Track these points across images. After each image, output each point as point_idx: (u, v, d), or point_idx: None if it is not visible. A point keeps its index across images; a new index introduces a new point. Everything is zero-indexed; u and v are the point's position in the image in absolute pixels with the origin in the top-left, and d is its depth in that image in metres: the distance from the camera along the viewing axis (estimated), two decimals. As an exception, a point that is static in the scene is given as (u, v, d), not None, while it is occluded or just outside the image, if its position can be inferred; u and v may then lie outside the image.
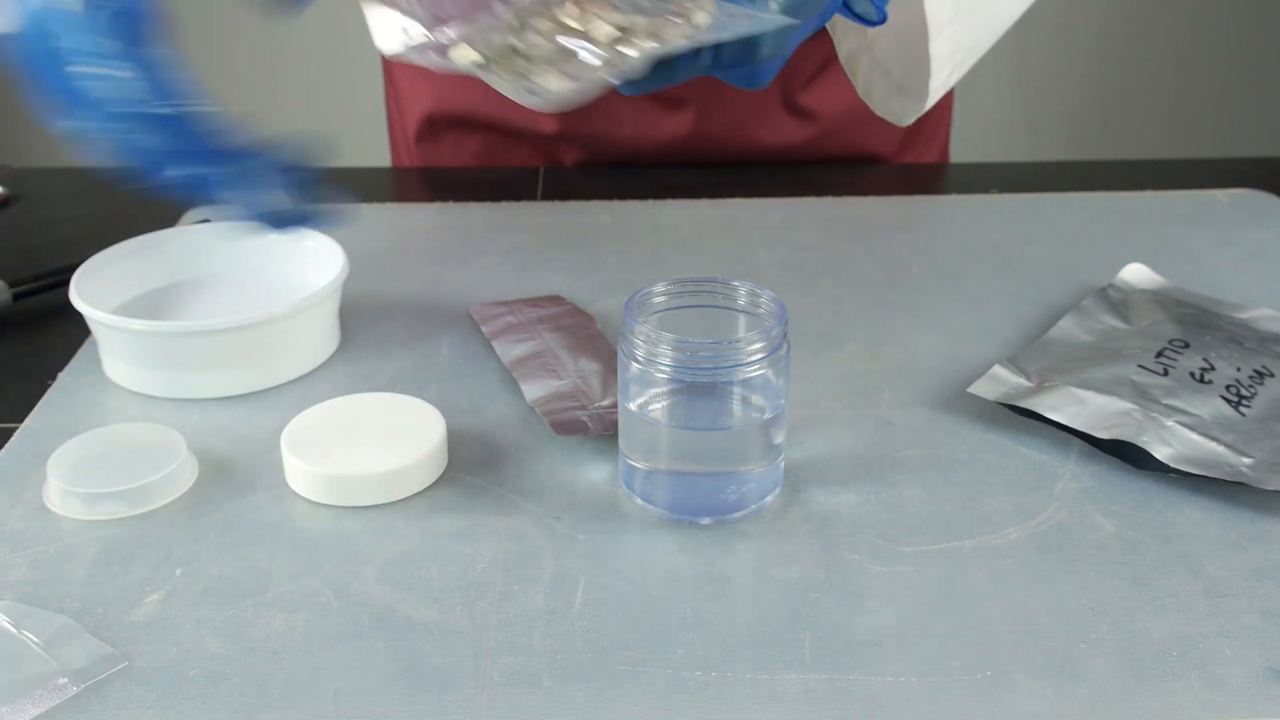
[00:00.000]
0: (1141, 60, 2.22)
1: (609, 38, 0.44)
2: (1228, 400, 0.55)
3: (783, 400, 0.50)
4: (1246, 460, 0.52)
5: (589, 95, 0.45)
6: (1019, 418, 0.56)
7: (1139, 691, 0.42)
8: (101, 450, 0.53)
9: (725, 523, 0.50)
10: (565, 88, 0.44)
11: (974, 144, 1.97)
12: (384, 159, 1.07)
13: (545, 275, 0.72)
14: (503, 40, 0.45)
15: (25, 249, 0.78)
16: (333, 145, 0.49)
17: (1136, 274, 0.69)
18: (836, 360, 0.63)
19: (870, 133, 0.90)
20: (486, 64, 0.45)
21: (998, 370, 0.58)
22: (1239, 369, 0.58)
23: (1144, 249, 0.75)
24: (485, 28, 0.45)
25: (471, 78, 0.85)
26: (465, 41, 0.45)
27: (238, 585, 0.47)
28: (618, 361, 0.50)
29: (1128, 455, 0.53)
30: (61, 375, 0.61)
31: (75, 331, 0.65)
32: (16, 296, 0.68)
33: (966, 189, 0.86)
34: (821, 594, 0.46)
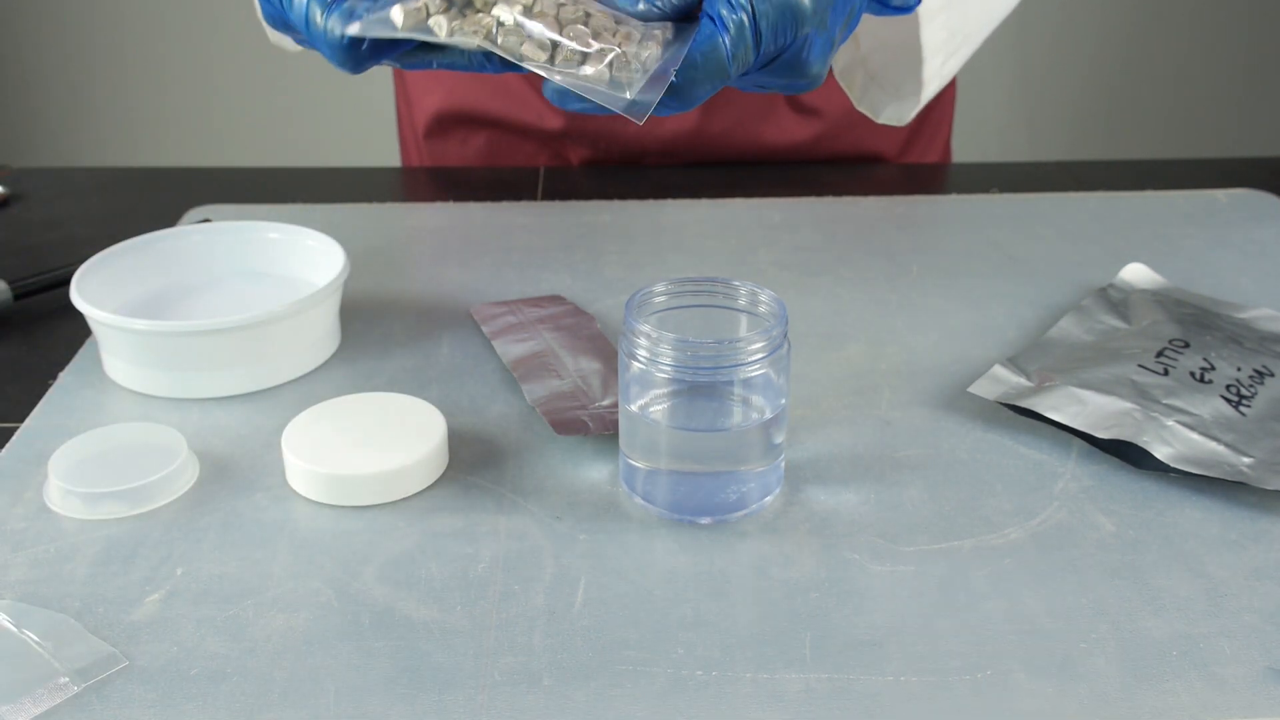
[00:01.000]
0: (1141, 60, 2.22)
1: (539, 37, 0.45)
2: (1228, 400, 0.55)
3: (783, 400, 0.50)
4: (1246, 460, 0.52)
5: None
6: (1019, 418, 0.57)
7: (1139, 691, 0.42)
8: (102, 450, 0.53)
9: (725, 523, 0.50)
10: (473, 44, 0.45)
11: (975, 144, 1.97)
12: (393, 155, 1.07)
13: (545, 275, 0.72)
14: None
15: (25, 249, 0.78)
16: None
17: (1136, 274, 0.69)
18: (836, 360, 0.63)
19: (874, 131, 0.91)
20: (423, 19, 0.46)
21: (998, 370, 0.58)
22: (1239, 369, 0.58)
23: (1144, 249, 0.75)
24: None
25: (477, 77, 0.86)
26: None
27: (238, 585, 0.47)
28: (618, 361, 0.50)
29: (1128, 455, 0.53)
30: (62, 375, 0.61)
31: (75, 331, 0.65)
32: (17, 296, 0.68)
33: (967, 189, 0.86)
34: (821, 594, 0.46)
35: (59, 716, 0.41)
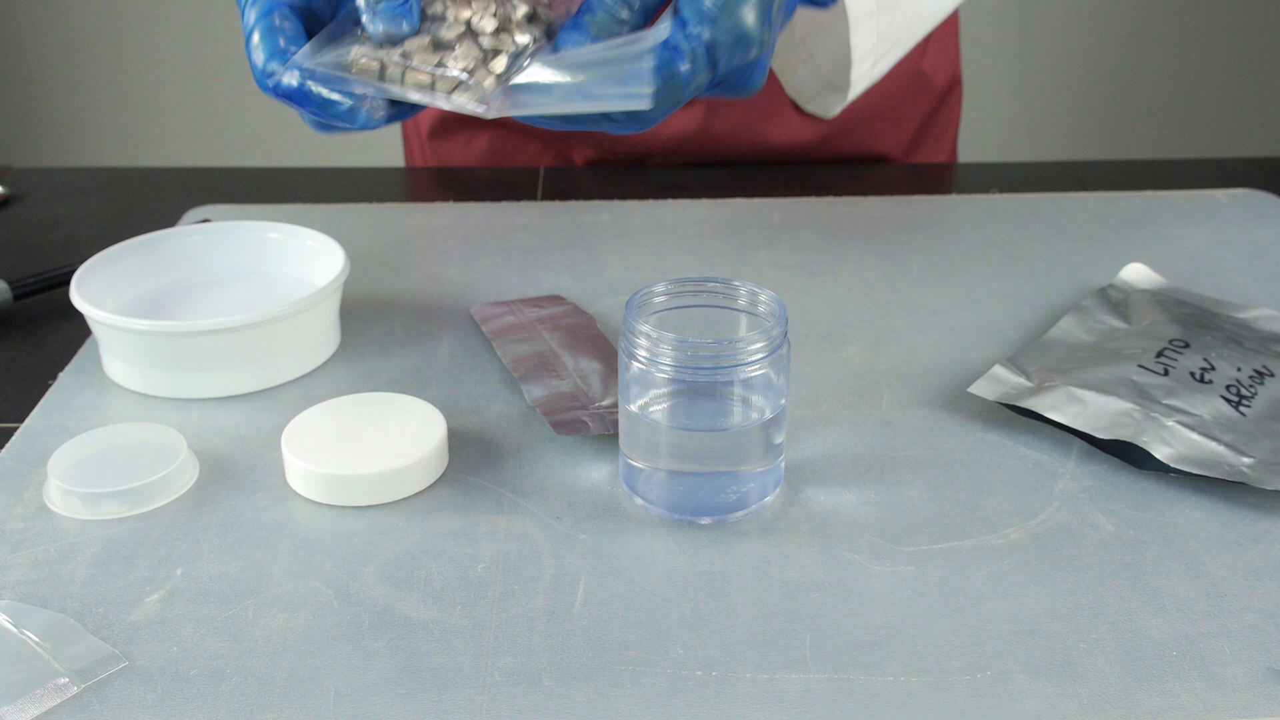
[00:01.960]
0: (1142, 60, 2.22)
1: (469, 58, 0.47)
2: (1228, 400, 0.55)
3: (783, 400, 0.50)
4: (1246, 460, 0.52)
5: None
6: (1019, 418, 0.57)
7: (1139, 691, 0.42)
8: (101, 450, 0.53)
9: (725, 523, 0.50)
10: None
11: (975, 144, 1.97)
12: (395, 156, 1.07)
13: (545, 275, 0.72)
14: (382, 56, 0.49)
15: (25, 249, 0.78)
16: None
17: (1136, 274, 0.69)
18: (836, 360, 0.63)
19: (880, 132, 0.91)
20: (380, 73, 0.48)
21: (998, 370, 0.58)
22: (1239, 369, 0.58)
23: (1144, 249, 0.75)
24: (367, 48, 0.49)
25: None
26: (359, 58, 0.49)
27: (238, 585, 0.47)
28: (618, 361, 0.50)
29: (1128, 455, 0.53)
30: (61, 375, 0.61)
31: (75, 331, 0.65)
32: (17, 296, 0.68)
33: (966, 189, 0.86)
34: (821, 594, 0.46)
35: (59, 716, 0.41)
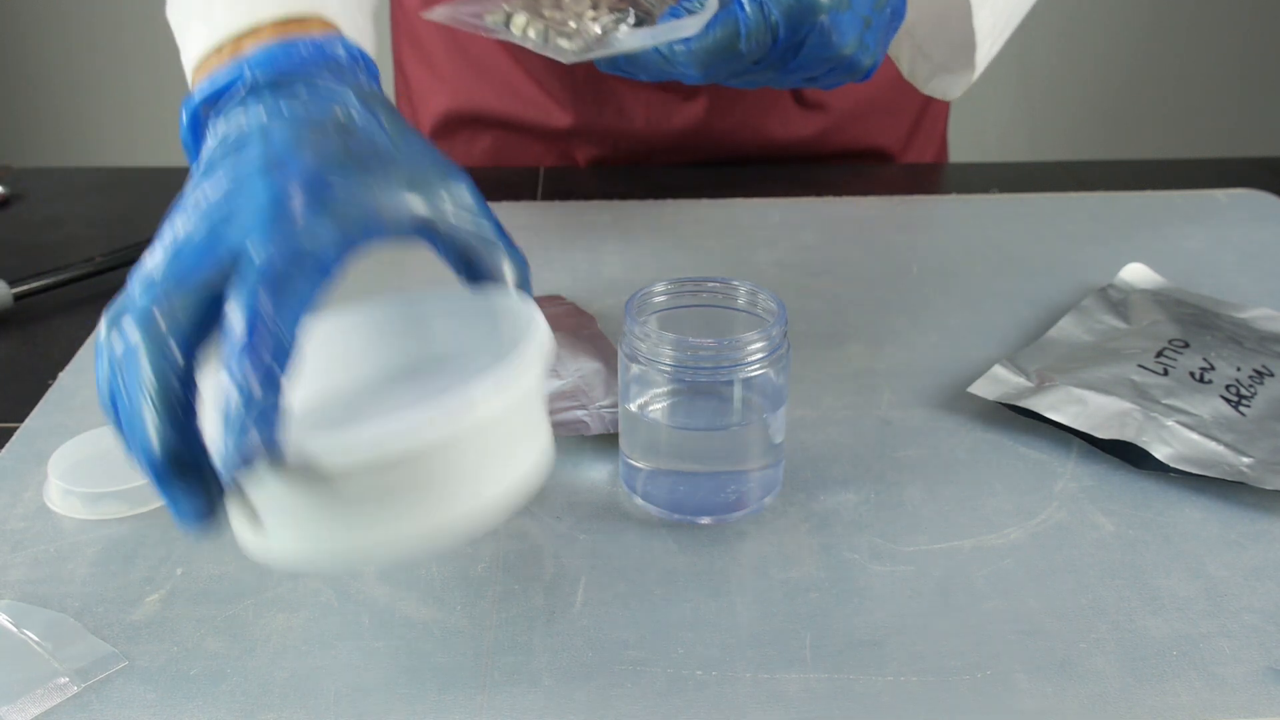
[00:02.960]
0: (1142, 60, 2.22)
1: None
2: (1227, 400, 0.55)
3: (783, 400, 0.50)
4: (1246, 460, 0.52)
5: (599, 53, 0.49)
6: (1019, 418, 0.57)
7: (1139, 691, 0.42)
8: (101, 450, 0.53)
9: (725, 523, 0.50)
10: (575, 47, 0.49)
11: (974, 144, 1.97)
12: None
13: (545, 275, 0.72)
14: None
15: (25, 249, 0.78)
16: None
17: (1136, 274, 0.69)
18: (836, 360, 0.63)
19: (878, 126, 0.91)
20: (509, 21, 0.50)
21: (998, 370, 0.58)
22: (1239, 369, 0.58)
23: (1144, 249, 0.75)
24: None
25: (483, 76, 0.87)
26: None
27: (238, 585, 0.47)
28: (618, 361, 0.50)
29: (1128, 455, 0.53)
30: (61, 375, 0.61)
31: (75, 331, 0.65)
32: (17, 296, 0.68)
33: (966, 189, 0.86)
34: (821, 594, 0.46)
35: (59, 716, 0.41)
